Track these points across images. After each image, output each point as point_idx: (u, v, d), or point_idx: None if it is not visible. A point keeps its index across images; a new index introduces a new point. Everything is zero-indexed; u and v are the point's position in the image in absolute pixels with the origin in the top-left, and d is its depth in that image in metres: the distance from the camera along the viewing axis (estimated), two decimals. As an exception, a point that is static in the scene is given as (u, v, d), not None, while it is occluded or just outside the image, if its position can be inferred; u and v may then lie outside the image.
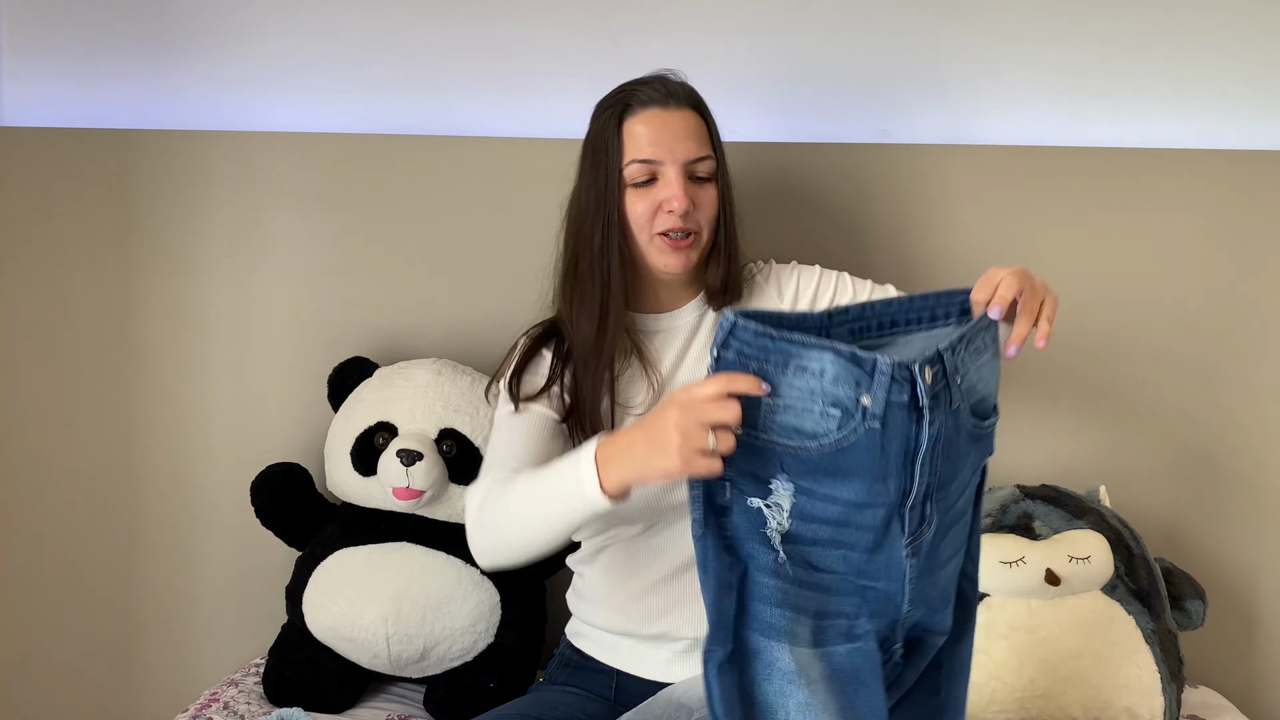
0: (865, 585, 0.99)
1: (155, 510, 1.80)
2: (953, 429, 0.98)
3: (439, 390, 1.58)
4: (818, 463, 0.95)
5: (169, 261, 1.79)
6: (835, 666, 0.97)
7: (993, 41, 1.76)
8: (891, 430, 0.94)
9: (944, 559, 1.02)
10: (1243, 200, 1.72)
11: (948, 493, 1.00)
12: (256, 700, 1.53)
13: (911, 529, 0.97)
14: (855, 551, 0.98)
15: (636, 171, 1.30)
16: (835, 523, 0.96)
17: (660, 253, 1.31)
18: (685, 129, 1.31)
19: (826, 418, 0.94)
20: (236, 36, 1.80)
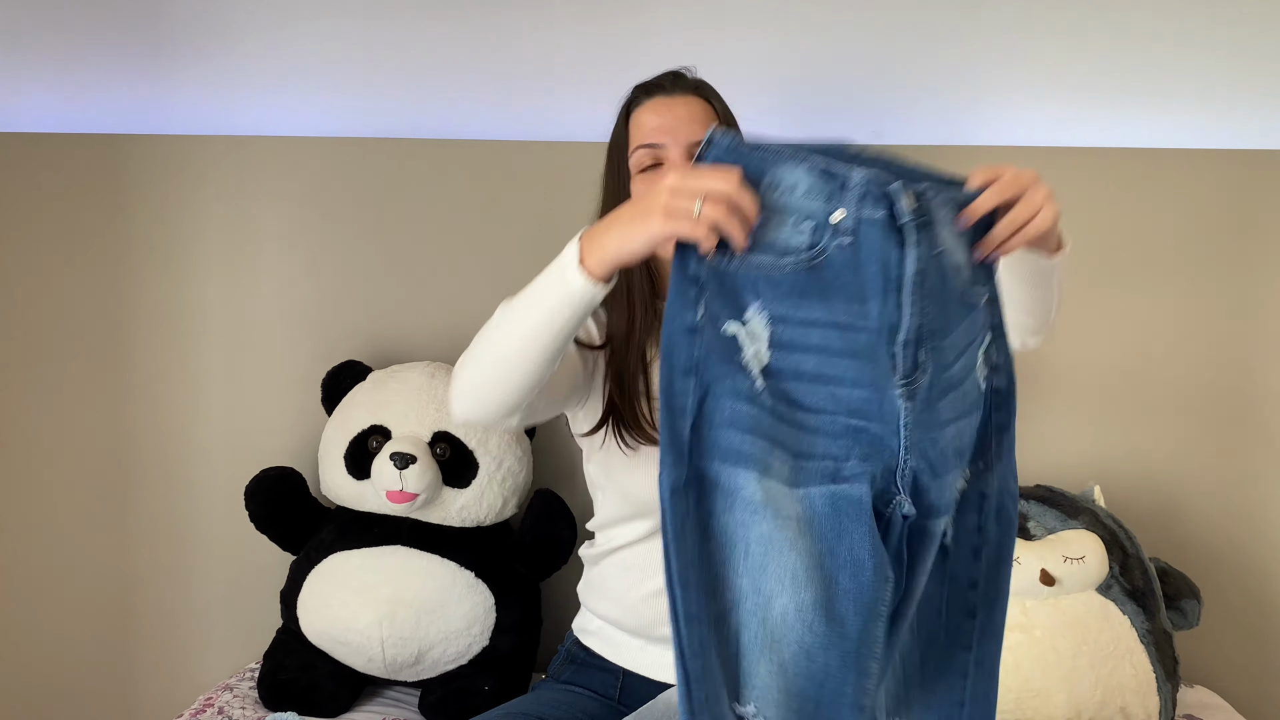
0: (856, 426, 0.91)
1: (150, 516, 1.80)
2: (938, 274, 0.90)
3: (432, 393, 1.58)
4: (792, 283, 0.90)
5: (162, 266, 1.79)
6: (814, 509, 0.90)
7: (986, 42, 1.76)
8: (866, 249, 0.88)
9: (943, 420, 0.93)
10: (1239, 199, 1.72)
11: (941, 346, 0.92)
12: (252, 705, 1.53)
13: (906, 370, 0.89)
14: (843, 387, 0.91)
15: (642, 157, 1.30)
16: (818, 350, 0.90)
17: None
18: (689, 113, 1.30)
19: (798, 233, 0.89)
20: (228, 42, 1.80)
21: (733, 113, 1.36)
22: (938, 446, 0.92)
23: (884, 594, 0.89)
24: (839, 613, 0.88)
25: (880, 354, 0.89)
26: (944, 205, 0.92)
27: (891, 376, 0.89)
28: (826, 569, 0.89)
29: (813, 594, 0.88)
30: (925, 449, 0.92)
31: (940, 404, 0.92)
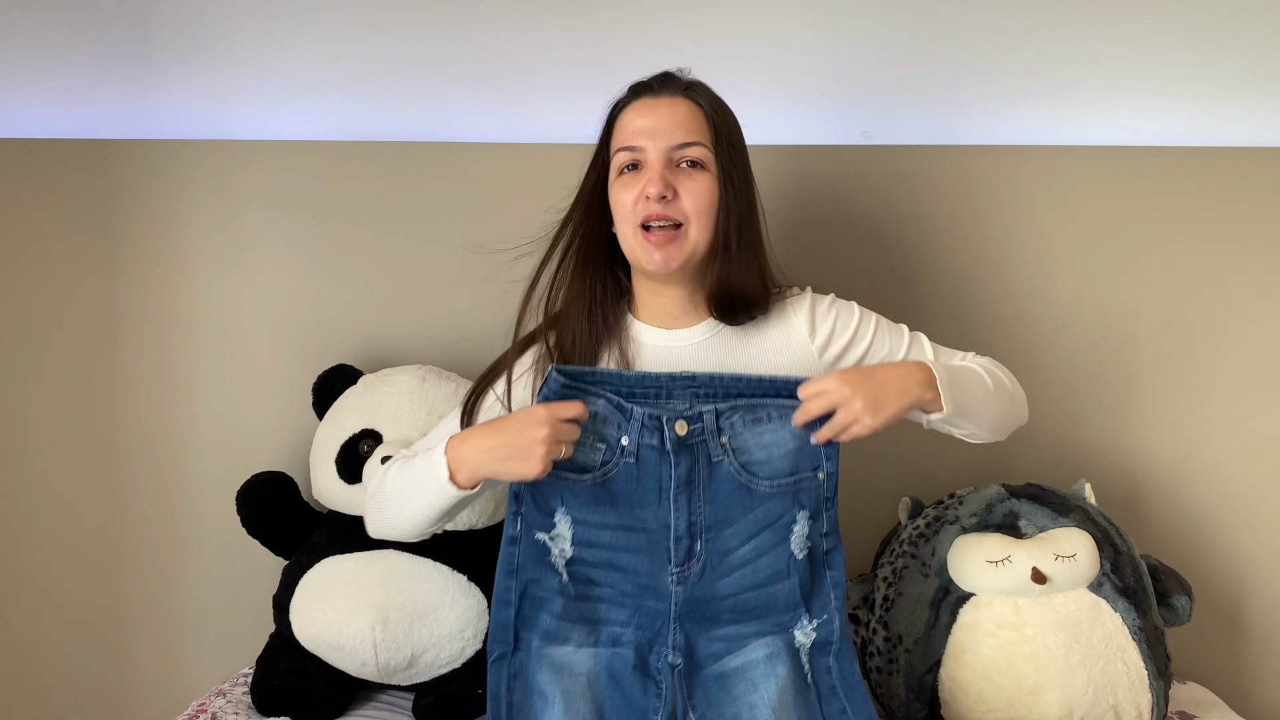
0: (639, 603, 1.21)
1: (141, 521, 1.80)
2: (712, 477, 1.20)
3: (423, 397, 1.58)
4: (589, 494, 1.20)
5: (152, 271, 1.78)
6: (599, 666, 1.20)
7: (974, 42, 1.76)
8: (646, 467, 1.19)
9: (721, 595, 1.21)
10: (1230, 197, 1.73)
11: (722, 535, 1.21)
12: (245, 710, 1.53)
13: (678, 560, 1.20)
14: (627, 574, 1.21)
15: (622, 158, 1.28)
16: (608, 546, 1.20)
17: (643, 249, 1.26)
18: (673, 116, 1.27)
19: (595, 451, 1.19)
20: (216, 46, 1.80)
21: (729, 110, 1.33)
22: (711, 614, 1.21)
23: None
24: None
25: (658, 548, 1.20)
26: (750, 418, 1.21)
27: (666, 565, 1.20)
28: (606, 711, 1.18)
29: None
30: (698, 617, 1.21)
31: (720, 582, 1.21)
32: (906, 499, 1.59)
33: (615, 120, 1.32)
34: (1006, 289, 1.74)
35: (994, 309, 1.74)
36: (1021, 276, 1.74)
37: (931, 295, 1.74)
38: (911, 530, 1.55)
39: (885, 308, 1.74)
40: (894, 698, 1.48)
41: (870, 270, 1.75)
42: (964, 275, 1.74)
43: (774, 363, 1.32)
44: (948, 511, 1.54)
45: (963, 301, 1.74)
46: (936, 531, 1.51)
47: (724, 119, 1.31)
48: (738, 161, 1.30)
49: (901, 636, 1.47)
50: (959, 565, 1.46)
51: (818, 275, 1.67)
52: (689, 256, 1.27)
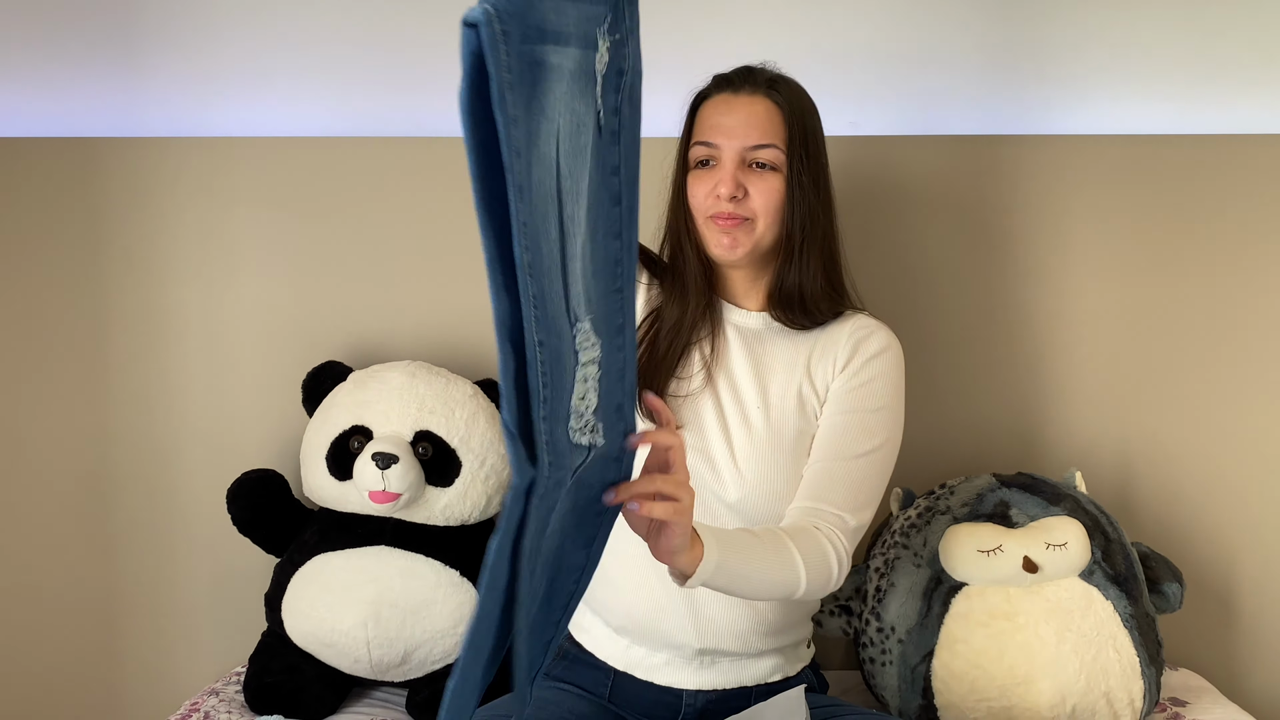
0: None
1: (132, 520, 1.79)
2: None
3: (414, 392, 1.58)
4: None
5: (140, 270, 1.78)
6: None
7: (960, 31, 1.76)
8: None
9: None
10: (1222, 185, 1.73)
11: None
12: (238, 709, 1.53)
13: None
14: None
15: (697, 154, 1.31)
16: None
17: (713, 234, 1.30)
18: (750, 115, 1.29)
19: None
20: (202, 42, 1.78)
21: (811, 108, 1.34)
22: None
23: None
24: None
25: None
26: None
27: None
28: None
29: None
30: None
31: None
32: (898, 490, 1.59)
33: (696, 111, 1.35)
34: (996, 279, 1.74)
35: (983, 299, 1.75)
36: (1011, 266, 1.74)
37: (921, 286, 1.74)
38: (903, 521, 1.55)
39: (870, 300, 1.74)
40: (887, 688, 1.49)
41: (857, 261, 1.74)
42: (953, 265, 1.74)
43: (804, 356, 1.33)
44: (939, 502, 1.54)
45: (952, 292, 1.75)
46: (928, 522, 1.52)
47: (802, 119, 1.31)
48: (811, 163, 1.31)
49: (894, 627, 1.48)
50: (951, 555, 1.46)
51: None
52: (754, 246, 1.30)
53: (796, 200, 1.29)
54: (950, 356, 1.75)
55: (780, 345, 1.35)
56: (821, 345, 1.34)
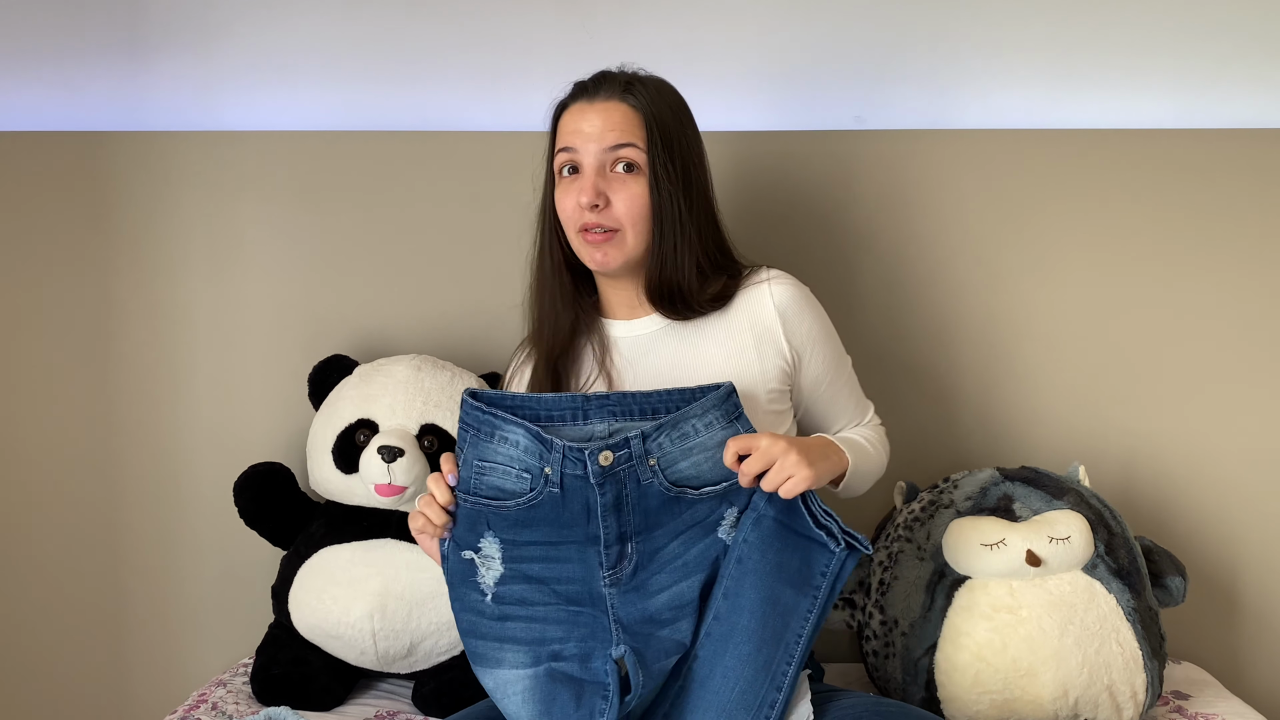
0: (574, 611, 1.19)
1: (139, 513, 1.80)
2: (643, 496, 1.18)
3: (419, 386, 1.58)
4: (515, 518, 1.18)
5: (146, 263, 1.78)
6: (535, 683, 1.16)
7: (966, 25, 1.76)
8: (571, 494, 1.17)
9: (653, 590, 1.19)
10: (1226, 180, 1.73)
11: (652, 536, 1.19)
12: (245, 700, 1.53)
13: (610, 564, 1.18)
14: (560, 585, 1.19)
15: (560, 160, 1.30)
16: (540, 560, 1.19)
17: (585, 249, 1.30)
18: (606, 119, 1.27)
19: (520, 480, 1.18)
20: (208, 36, 1.79)
21: (674, 103, 1.31)
22: (648, 612, 1.18)
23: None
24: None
25: (588, 556, 1.19)
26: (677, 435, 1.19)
27: (598, 571, 1.18)
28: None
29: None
30: (634, 617, 1.18)
31: (652, 578, 1.19)
32: (901, 483, 1.60)
33: (557, 120, 1.33)
34: (1001, 272, 1.74)
35: (987, 293, 1.75)
36: (1016, 260, 1.74)
37: (924, 280, 1.74)
38: (906, 514, 1.55)
39: (876, 293, 1.75)
40: (890, 680, 1.49)
41: (861, 255, 1.75)
42: (958, 259, 1.74)
43: (738, 344, 1.32)
44: (942, 495, 1.54)
45: (956, 286, 1.75)
46: (931, 515, 1.52)
47: (662, 116, 1.29)
48: (676, 160, 1.28)
49: (897, 620, 1.48)
50: (954, 548, 1.47)
51: (809, 260, 1.68)
52: (628, 257, 1.30)
53: (662, 202, 1.27)
54: (954, 350, 1.75)
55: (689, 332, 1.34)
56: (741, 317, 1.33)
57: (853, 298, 1.72)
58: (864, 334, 1.70)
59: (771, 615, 1.17)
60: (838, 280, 1.71)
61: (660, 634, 1.18)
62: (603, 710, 1.13)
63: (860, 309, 1.72)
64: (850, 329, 1.43)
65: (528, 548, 1.19)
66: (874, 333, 1.72)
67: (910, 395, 1.74)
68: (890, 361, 1.73)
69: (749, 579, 1.18)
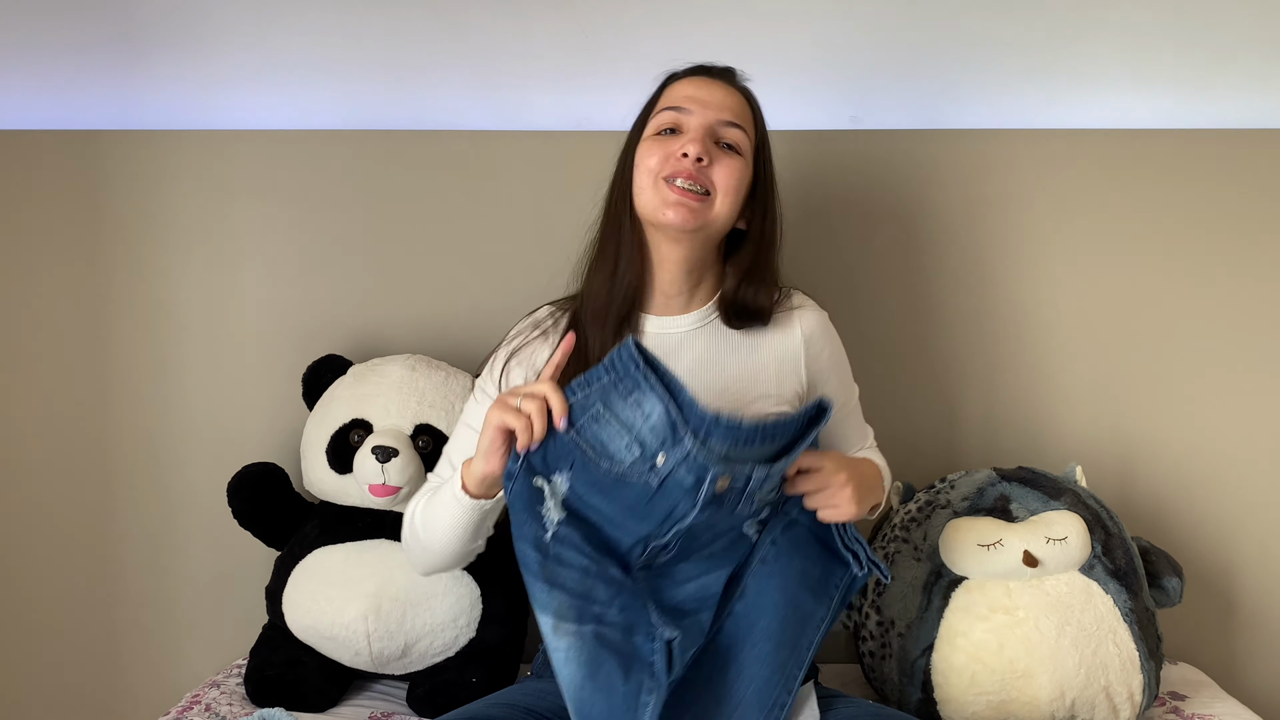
0: (623, 577, 1.13)
1: (132, 513, 1.79)
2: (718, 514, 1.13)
3: (413, 386, 1.58)
4: (599, 479, 1.11)
5: (140, 263, 1.78)
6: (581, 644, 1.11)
7: (961, 25, 1.76)
8: (665, 493, 1.09)
9: (680, 579, 1.16)
10: (1222, 180, 1.73)
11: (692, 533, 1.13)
12: (239, 701, 1.53)
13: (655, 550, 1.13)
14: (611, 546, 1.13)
15: (664, 118, 1.26)
16: (596, 524, 1.13)
17: (663, 199, 1.22)
18: (725, 96, 1.28)
19: (626, 450, 1.09)
20: (204, 34, 1.78)
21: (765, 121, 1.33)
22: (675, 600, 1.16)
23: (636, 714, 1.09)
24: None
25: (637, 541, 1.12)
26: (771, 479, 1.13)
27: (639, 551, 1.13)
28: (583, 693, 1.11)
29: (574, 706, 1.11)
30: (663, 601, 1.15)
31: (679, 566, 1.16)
32: (898, 483, 1.59)
33: (665, 88, 1.32)
34: (997, 273, 1.74)
35: (985, 293, 1.74)
36: (1012, 260, 1.74)
37: (920, 279, 1.74)
38: (903, 515, 1.55)
39: (875, 294, 1.75)
40: (887, 681, 1.49)
41: (859, 256, 1.74)
42: (954, 259, 1.74)
43: (759, 362, 1.32)
44: (939, 496, 1.54)
45: (953, 286, 1.74)
46: (928, 516, 1.52)
47: (764, 128, 1.33)
48: (767, 161, 1.32)
49: (894, 621, 1.48)
50: (951, 549, 1.46)
51: (806, 261, 1.67)
52: (706, 224, 1.25)
53: (760, 193, 1.29)
54: (951, 351, 1.75)
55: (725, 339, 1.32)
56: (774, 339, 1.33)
57: (848, 298, 1.72)
58: (859, 334, 1.70)
59: (792, 619, 1.17)
60: (833, 280, 1.71)
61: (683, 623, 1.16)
62: (651, 689, 1.10)
63: (855, 309, 1.72)
64: (845, 329, 1.42)
65: (595, 504, 1.12)
66: (869, 332, 1.72)
67: (906, 395, 1.74)
68: (886, 361, 1.73)
69: (774, 580, 1.18)
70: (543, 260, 1.58)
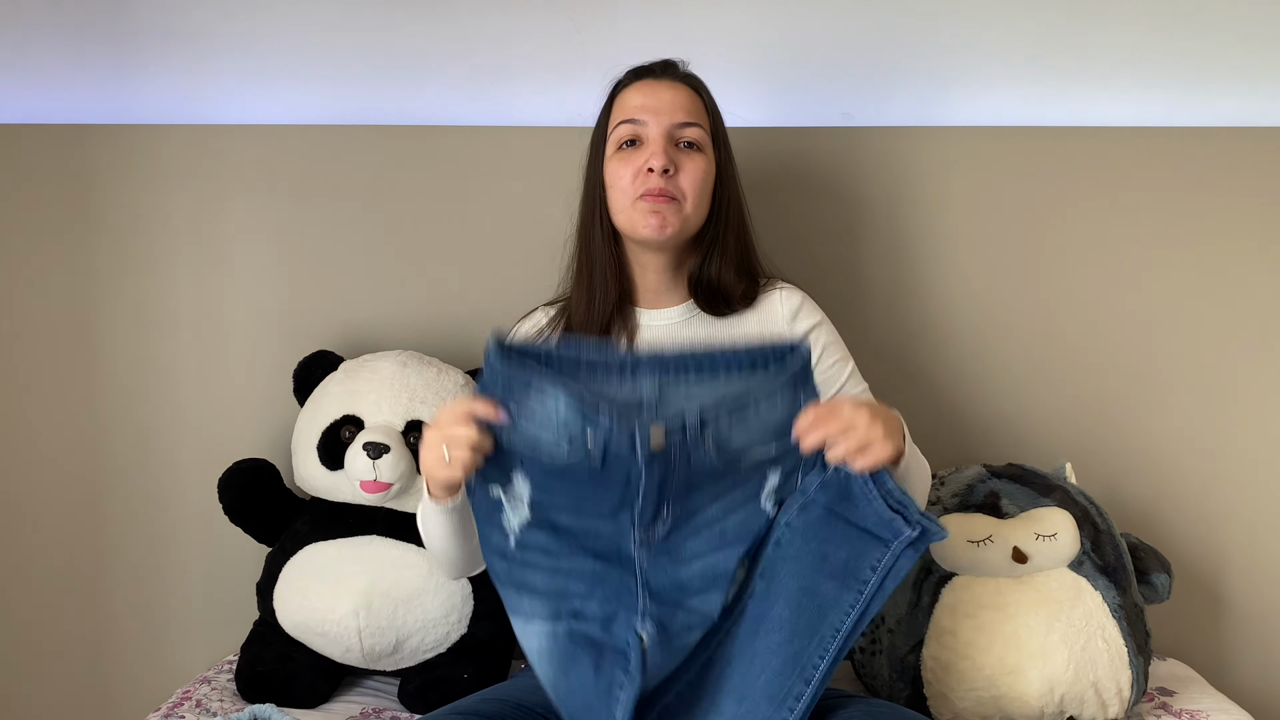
0: (599, 570, 1.12)
1: (123, 509, 1.79)
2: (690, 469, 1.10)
3: (405, 382, 1.58)
4: (550, 469, 1.10)
5: (130, 258, 1.77)
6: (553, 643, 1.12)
7: (956, 22, 1.76)
8: (611, 466, 1.09)
9: (686, 557, 1.12)
10: (1215, 178, 1.73)
11: (691, 498, 1.11)
12: (230, 697, 1.53)
13: (644, 523, 1.11)
14: (588, 539, 1.12)
15: (622, 133, 1.30)
16: (569, 511, 1.12)
17: (641, 215, 1.28)
18: (674, 97, 1.31)
19: (559, 442, 1.09)
20: (194, 28, 1.78)
21: (719, 108, 1.36)
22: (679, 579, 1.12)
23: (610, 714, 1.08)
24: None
25: (622, 517, 1.11)
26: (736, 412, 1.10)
27: (630, 530, 1.11)
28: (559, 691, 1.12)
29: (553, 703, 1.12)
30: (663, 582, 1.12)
31: (686, 543, 1.12)
32: (889, 480, 1.59)
33: (615, 98, 1.35)
34: (989, 270, 1.74)
35: (976, 290, 1.75)
36: (1003, 257, 1.74)
37: (912, 277, 1.74)
38: (894, 511, 1.55)
39: (866, 291, 1.75)
40: (877, 678, 1.49)
41: (851, 253, 1.74)
42: (945, 257, 1.74)
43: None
44: (929, 492, 1.54)
45: (944, 283, 1.75)
46: (918, 512, 1.52)
47: (716, 109, 1.36)
48: (725, 150, 1.35)
49: (884, 617, 1.48)
50: (940, 545, 1.47)
51: (798, 258, 1.67)
52: (682, 228, 1.31)
53: (723, 185, 1.33)
54: (941, 348, 1.75)
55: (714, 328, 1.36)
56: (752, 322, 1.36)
57: (840, 294, 1.72)
58: (850, 330, 1.68)
59: (807, 606, 1.10)
60: (825, 276, 1.71)
61: (689, 603, 1.12)
62: (622, 684, 1.09)
63: (847, 306, 1.72)
64: (836, 324, 1.43)
65: (559, 495, 1.12)
66: (861, 329, 1.72)
67: (897, 392, 1.73)
68: (877, 358, 1.73)
69: (788, 566, 1.12)
70: (533, 256, 1.58)
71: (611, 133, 1.32)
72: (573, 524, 1.12)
